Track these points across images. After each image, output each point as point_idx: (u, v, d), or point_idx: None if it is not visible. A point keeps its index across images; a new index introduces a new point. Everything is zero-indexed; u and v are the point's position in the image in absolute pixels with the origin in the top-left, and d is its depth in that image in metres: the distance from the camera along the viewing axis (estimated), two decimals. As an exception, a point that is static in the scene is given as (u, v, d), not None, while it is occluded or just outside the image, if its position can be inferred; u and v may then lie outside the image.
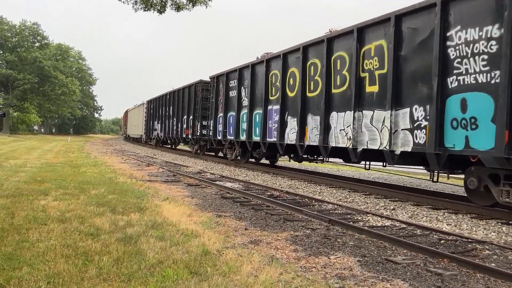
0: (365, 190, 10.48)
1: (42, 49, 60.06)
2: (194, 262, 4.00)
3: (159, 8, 9.00)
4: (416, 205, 8.52)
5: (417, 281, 3.94)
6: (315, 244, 5.14)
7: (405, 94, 8.28)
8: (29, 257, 3.92)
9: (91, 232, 4.93)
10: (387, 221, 6.88)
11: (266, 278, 3.68)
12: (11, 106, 57.95)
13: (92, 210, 6.22)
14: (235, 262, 4.10)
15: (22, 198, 6.90)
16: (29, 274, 3.48)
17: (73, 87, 63.75)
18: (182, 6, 8.96)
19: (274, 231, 5.77)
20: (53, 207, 6.28)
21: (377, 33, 9.01)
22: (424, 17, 7.93)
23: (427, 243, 5.39)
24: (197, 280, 3.56)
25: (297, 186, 11.08)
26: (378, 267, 4.31)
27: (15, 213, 5.72)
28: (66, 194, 7.62)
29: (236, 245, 4.84)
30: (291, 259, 4.44)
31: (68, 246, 4.33)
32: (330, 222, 6.38)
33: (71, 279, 3.44)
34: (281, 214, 6.99)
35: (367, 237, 5.61)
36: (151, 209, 6.58)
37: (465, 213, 7.71)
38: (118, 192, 8.13)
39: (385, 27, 8.78)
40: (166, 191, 8.94)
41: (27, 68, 56.25)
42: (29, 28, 59.91)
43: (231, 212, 7.06)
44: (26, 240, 4.48)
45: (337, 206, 8.09)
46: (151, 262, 3.94)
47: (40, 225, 5.18)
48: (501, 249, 5.29)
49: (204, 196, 8.75)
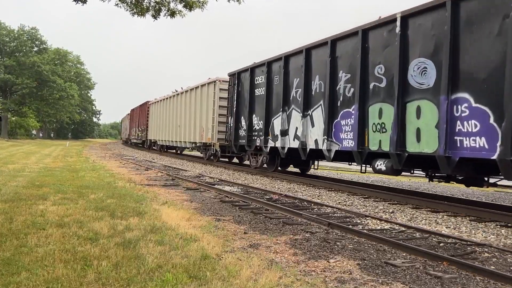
0: (364, 193, 10.48)
1: (41, 54, 60.14)
2: (193, 266, 3.99)
3: (153, 13, 9.04)
4: (415, 208, 8.52)
5: (417, 284, 3.93)
6: (314, 247, 5.14)
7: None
8: (28, 262, 3.91)
9: (90, 237, 4.92)
10: (386, 224, 6.87)
11: (265, 282, 3.67)
12: (9, 111, 57.94)
13: (91, 214, 6.21)
14: (235, 266, 4.09)
15: (21, 203, 6.88)
16: (28, 279, 3.47)
17: (71, 91, 63.79)
18: (175, 12, 9.01)
19: (274, 234, 5.76)
20: (51, 212, 6.26)
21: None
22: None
23: (426, 246, 5.39)
24: (197, 284, 3.56)
25: (296, 190, 11.07)
26: (377, 270, 4.31)
27: (13, 218, 5.71)
28: (65, 198, 7.61)
29: (236, 249, 4.83)
30: (290, 262, 4.43)
31: (67, 251, 4.31)
32: (329, 226, 6.37)
33: (70, 284, 3.43)
34: (280, 218, 6.99)
35: (367, 240, 5.61)
36: (150, 213, 6.57)
37: (464, 216, 7.72)
38: (117, 196, 8.12)
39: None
40: (165, 195, 8.93)
41: (25, 73, 56.27)
42: (27, 32, 60.03)
43: (230, 216, 7.05)
44: (24, 245, 4.47)
45: (336, 209, 8.09)
46: (150, 266, 3.93)
47: (38, 230, 5.17)
48: (500, 251, 5.29)
49: (203, 200, 8.74)
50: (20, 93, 56.52)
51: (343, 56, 10.38)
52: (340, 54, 10.48)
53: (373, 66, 9.33)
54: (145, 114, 35.77)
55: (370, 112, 9.40)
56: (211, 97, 19.76)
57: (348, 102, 10.14)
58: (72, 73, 74.94)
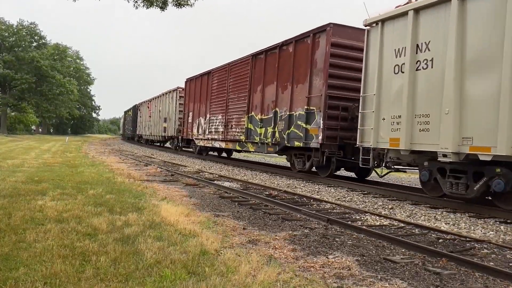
0: (363, 189, 10.48)
1: (40, 49, 59.96)
2: (192, 262, 3.99)
3: (160, 5, 8.93)
4: (414, 204, 8.52)
5: (416, 280, 3.93)
6: (313, 243, 5.13)
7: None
8: (26, 258, 3.90)
9: (88, 232, 4.91)
10: (385, 220, 6.87)
11: (264, 278, 3.66)
12: (8, 106, 57.85)
13: (90, 210, 6.20)
14: (233, 262, 4.08)
15: (19, 198, 6.87)
16: (26, 274, 3.46)
17: (70, 87, 63.64)
18: (183, 2, 8.89)
19: (273, 230, 5.75)
20: (50, 207, 6.25)
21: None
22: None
23: (425, 242, 5.39)
24: (195, 280, 3.55)
25: (295, 186, 11.06)
26: (376, 267, 4.31)
27: (12, 213, 5.69)
28: (63, 194, 7.60)
29: (234, 245, 4.82)
30: (289, 258, 4.43)
31: (65, 246, 4.30)
32: (328, 222, 6.37)
33: (68, 279, 3.42)
34: (279, 214, 6.98)
35: (366, 236, 5.61)
36: (149, 209, 6.56)
37: (463, 212, 7.71)
38: (116, 192, 8.11)
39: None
40: (164, 191, 8.92)
41: (24, 68, 56.13)
42: (26, 28, 59.82)
43: (229, 211, 7.04)
44: (23, 241, 4.46)
45: (336, 205, 8.08)
46: (149, 262, 3.92)
47: (37, 225, 5.16)
48: (500, 248, 5.29)
49: (202, 195, 8.73)
50: (19, 88, 56.37)
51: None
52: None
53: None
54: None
55: None
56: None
57: None
58: (71, 68, 74.78)
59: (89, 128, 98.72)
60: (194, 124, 22.36)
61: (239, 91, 17.04)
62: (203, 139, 20.75)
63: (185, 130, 24.06)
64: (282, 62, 13.94)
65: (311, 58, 12.30)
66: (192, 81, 23.12)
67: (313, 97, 12.18)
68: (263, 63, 15.14)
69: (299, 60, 12.98)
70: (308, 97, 12.35)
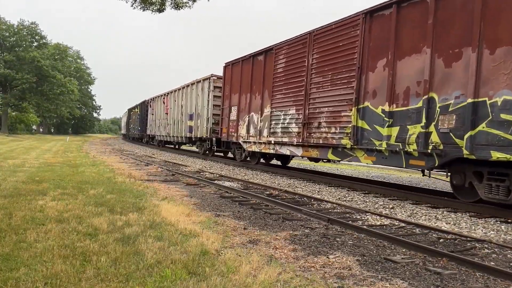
0: (364, 189, 10.47)
1: (40, 49, 59.93)
2: (192, 262, 3.99)
3: (158, 7, 8.92)
4: (415, 204, 8.52)
5: (416, 280, 3.93)
6: (314, 243, 5.13)
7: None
8: (27, 258, 3.90)
9: (89, 232, 4.91)
10: (386, 220, 6.87)
11: (265, 278, 3.66)
12: (9, 106, 57.87)
13: (91, 210, 6.20)
14: (234, 262, 4.08)
15: (20, 198, 6.87)
16: (27, 275, 3.46)
17: (71, 86, 63.68)
18: (181, 4, 8.89)
19: (273, 230, 5.75)
20: (51, 207, 6.25)
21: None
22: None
23: (426, 242, 5.38)
24: (196, 280, 3.55)
25: (296, 185, 11.06)
26: (377, 267, 4.30)
27: (13, 214, 5.70)
28: (64, 194, 7.60)
29: (235, 245, 4.82)
30: (290, 258, 4.43)
31: (66, 246, 4.31)
32: (329, 221, 6.37)
33: (68, 279, 3.42)
34: (280, 214, 6.98)
35: (366, 236, 5.60)
36: (150, 209, 6.56)
37: (464, 212, 7.71)
38: (117, 192, 8.11)
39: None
40: (164, 191, 8.92)
41: (25, 68, 56.15)
42: (27, 27, 59.80)
43: (230, 211, 7.04)
44: (23, 241, 4.46)
45: (336, 205, 8.08)
46: (149, 262, 3.92)
47: (38, 225, 5.16)
48: (500, 247, 5.28)
49: (203, 195, 8.73)
50: (20, 88, 56.39)
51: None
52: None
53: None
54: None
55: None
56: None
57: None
58: (72, 68, 74.82)
59: (90, 128, 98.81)
60: (240, 122, 16.68)
61: (336, 70, 11.16)
62: (258, 143, 14.99)
63: (225, 130, 18.04)
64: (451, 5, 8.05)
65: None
66: (236, 65, 17.25)
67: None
68: (392, 21, 9.27)
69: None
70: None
